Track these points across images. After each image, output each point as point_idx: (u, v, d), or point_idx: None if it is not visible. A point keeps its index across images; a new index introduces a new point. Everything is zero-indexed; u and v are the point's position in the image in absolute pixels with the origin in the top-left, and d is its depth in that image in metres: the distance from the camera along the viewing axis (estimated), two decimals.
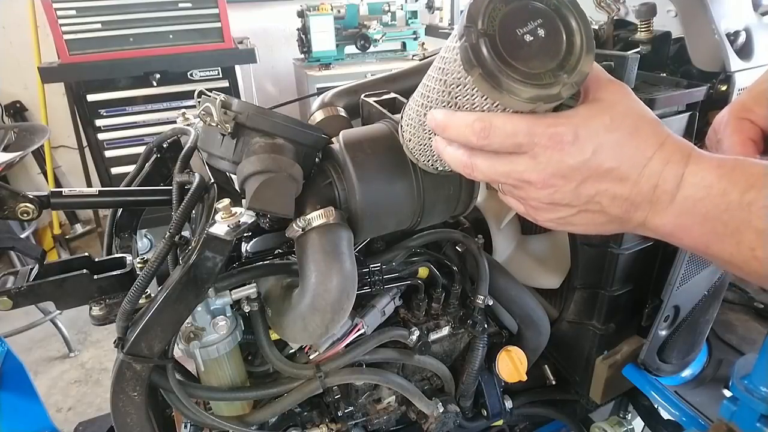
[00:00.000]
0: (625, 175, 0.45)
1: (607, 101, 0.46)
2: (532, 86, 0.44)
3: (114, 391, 0.66)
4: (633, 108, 0.46)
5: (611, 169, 0.45)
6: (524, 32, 0.45)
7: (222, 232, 0.60)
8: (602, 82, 0.47)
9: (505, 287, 0.93)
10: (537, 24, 0.45)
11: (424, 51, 3.04)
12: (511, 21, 0.45)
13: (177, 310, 0.63)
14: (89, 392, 2.19)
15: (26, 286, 0.68)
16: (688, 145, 0.45)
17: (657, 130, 0.45)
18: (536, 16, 0.45)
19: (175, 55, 2.50)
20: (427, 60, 1.08)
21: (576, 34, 0.45)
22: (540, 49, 0.44)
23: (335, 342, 0.81)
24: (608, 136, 0.44)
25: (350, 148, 0.68)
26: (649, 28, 0.84)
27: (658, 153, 0.44)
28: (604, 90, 0.47)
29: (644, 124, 0.45)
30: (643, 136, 0.45)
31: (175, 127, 0.91)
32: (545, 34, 0.45)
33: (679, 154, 0.44)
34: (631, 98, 0.47)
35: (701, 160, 0.43)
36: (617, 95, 0.46)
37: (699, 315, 0.97)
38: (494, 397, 1.00)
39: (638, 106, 0.47)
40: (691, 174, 0.43)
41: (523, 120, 0.45)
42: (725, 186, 0.41)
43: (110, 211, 0.94)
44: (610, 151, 0.44)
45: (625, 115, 0.45)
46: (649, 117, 0.46)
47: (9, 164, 1.98)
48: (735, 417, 0.81)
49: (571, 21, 0.45)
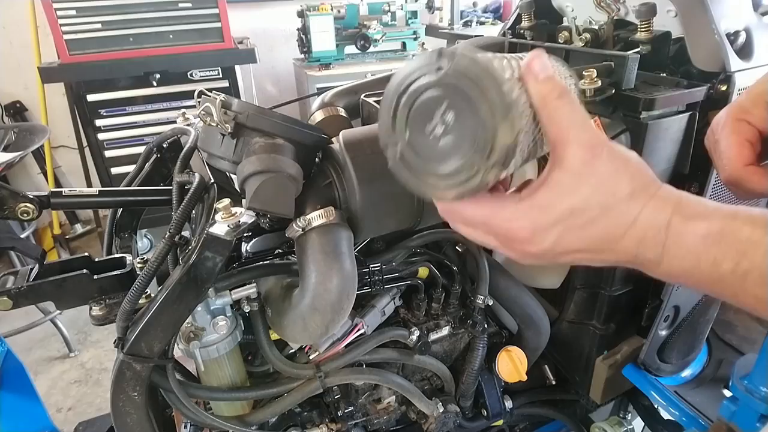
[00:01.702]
0: (599, 250, 0.43)
1: (573, 174, 0.41)
2: (452, 187, 0.41)
3: (114, 391, 0.66)
4: (603, 181, 0.41)
5: (580, 249, 0.43)
6: (433, 126, 0.41)
7: (222, 232, 0.60)
8: (568, 144, 0.41)
9: (505, 287, 0.93)
10: (443, 109, 0.40)
11: (424, 51, 3.04)
12: (420, 119, 0.41)
13: (177, 310, 0.63)
14: (89, 392, 2.19)
15: (26, 286, 0.67)
16: (666, 212, 0.41)
17: (630, 205, 0.42)
18: (440, 100, 0.40)
19: (175, 55, 2.50)
20: None
21: (482, 104, 0.38)
22: (453, 138, 0.40)
23: (335, 342, 0.81)
24: (573, 221, 0.42)
25: (350, 148, 0.68)
26: (649, 28, 0.83)
27: (630, 231, 0.42)
28: (571, 157, 0.41)
29: (616, 201, 0.41)
30: (614, 215, 0.42)
31: (175, 127, 0.91)
32: (454, 118, 0.39)
33: (655, 229, 0.41)
34: (601, 162, 0.41)
35: (685, 229, 0.40)
36: (586, 163, 0.41)
37: (699, 315, 0.97)
38: (494, 397, 1.00)
39: (610, 171, 0.42)
40: (675, 245, 0.41)
41: (479, 210, 0.44)
42: (715, 256, 0.39)
43: (110, 211, 0.94)
44: (573, 236, 0.42)
45: (595, 191, 0.41)
46: (623, 191, 0.41)
47: (9, 164, 1.98)
48: (735, 417, 0.81)
49: (472, 91, 0.38)
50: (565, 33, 1.02)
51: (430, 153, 0.42)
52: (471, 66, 0.38)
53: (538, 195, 0.43)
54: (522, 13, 1.08)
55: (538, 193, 0.43)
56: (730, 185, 0.58)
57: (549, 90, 0.41)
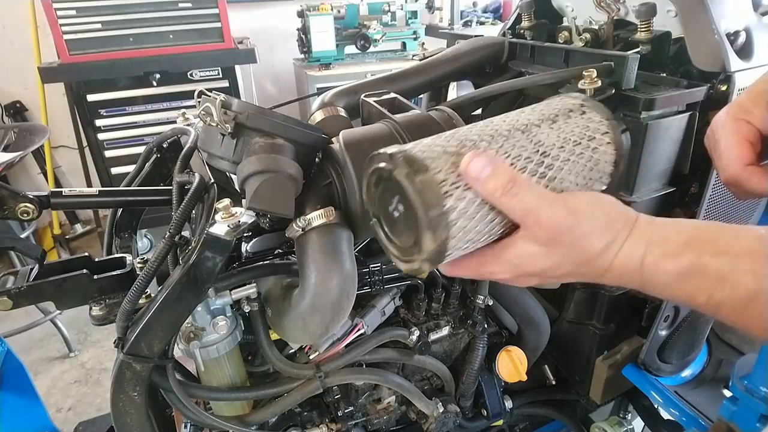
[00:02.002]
0: (584, 282, 0.50)
1: (540, 247, 0.46)
2: (403, 262, 0.47)
3: (114, 391, 0.66)
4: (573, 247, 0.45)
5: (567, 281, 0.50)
6: (393, 208, 0.47)
7: (222, 232, 0.60)
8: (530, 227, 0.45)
9: (505, 287, 0.93)
10: (396, 199, 0.46)
11: (424, 51, 3.03)
12: (384, 200, 0.48)
13: (177, 310, 0.63)
14: (89, 392, 2.19)
15: (26, 286, 0.67)
16: (638, 254, 0.44)
17: (602, 257, 0.45)
18: (395, 191, 0.45)
19: (175, 55, 2.50)
20: (428, 60, 1.08)
21: (416, 209, 0.42)
22: (404, 223, 0.46)
23: (335, 342, 0.81)
24: (549, 274, 0.48)
25: (350, 148, 0.68)
26: (649, 28, 0.83)
27: (607, 275, 0.46)
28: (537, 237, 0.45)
29: (588, 259, 0.46)
30: (588, 267, 0.46)
31: (175, 127, 0.91)
32: (403, 209, 0.45)
33: (630, 269, 0.45)
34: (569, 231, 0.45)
35: (657, 269, 0.43)
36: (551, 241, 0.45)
37: (699, 315, 0.97)
38: (494, 397, 1.00)
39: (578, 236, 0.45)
40: (651, 282, 0.45)
41: (466, 269, 0.50)
42: (689, 291, 0.43)
43: (110, 211, 0.94)
44: (555, 278, 0.48)
45: (565, 257, 0.46)
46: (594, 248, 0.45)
47: (9, 164, 1.98)
48: (735, 417, 0.81)
49: (410, 194, 0.42)
50: (565, 33, 1.02)
51: (393, 227, 0.49)
52: (407, 179, 0.43)
53: (510, 255, 0.47)
54: (522, 13, 1.08)
55: (509, 253, 0.47)
56: (730, 185, 0.58)
57: (493, 188, 0.43)
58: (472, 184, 0.44)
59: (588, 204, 0.46)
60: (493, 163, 0.43)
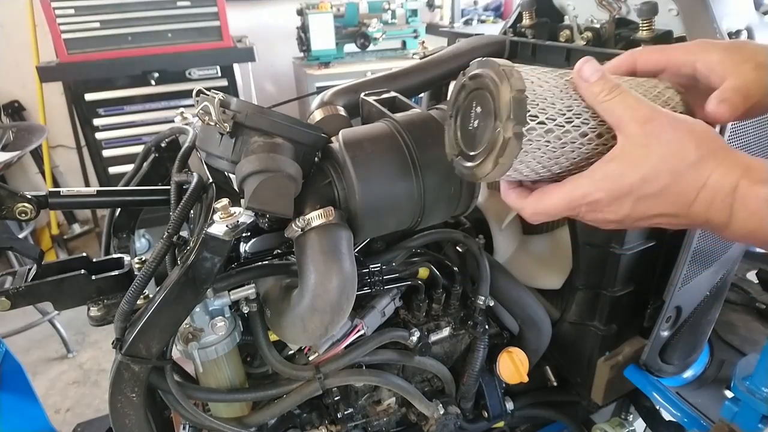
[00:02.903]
0: (673, 215, 0.47)
1: (639, 146, 0.45)
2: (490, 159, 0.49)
3: (112, 392, 0.65)
4: (670, 149, 0.45)
5: (656, 214, 0.48)
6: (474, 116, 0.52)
7: (220, 232, 0.60)
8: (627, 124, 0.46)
9: (506, 288, 0.92)
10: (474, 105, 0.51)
11: (424, 49, 3.03)
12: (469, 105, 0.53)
13: (175, 310, 0.63)
14: (87, 393, 2.19)
15: (24, 287, 0.67)
16: (734, 177, 0.43)
17: (698, 169, 0.44)
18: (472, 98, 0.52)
19: (173, 54, 2.50)
20: (428, 59, 1.08)
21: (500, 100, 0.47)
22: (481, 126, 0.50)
23: (335, 343, 0.81)
24: (645, 189, 0.46)
25: (350, 148, 0.67)
26: (650, 27, 0.83)
27: (701, 195, 0.45)
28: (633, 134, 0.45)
29: (685, 167, 0.45)
30: (684, 180, 0.45)
31: (174, 127, 0.91)
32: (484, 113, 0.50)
33: (723, 192, 0.44)
34: (664, 131, 0.45)
35: (750, 193, 0.43)
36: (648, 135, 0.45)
37: (701, 316, 0.97)
38: (495, 399, 1.00)
39: (674, 138, 0.45)
40: (741, 208, 0.44)
41: (562, 198, 0.49)
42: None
43: (108, 211, 0.94)
44: (649, 203, 0.47)
45: (662, 160, 0.45)
46: (690, 156, 0.44)
47: (7, 164, 1.97)
48: (736, 418, 0.81)
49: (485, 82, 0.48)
50: (567, 32, 1.02)
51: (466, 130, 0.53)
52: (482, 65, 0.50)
53: (610, 167, 0.46)
54: (523, 11, 1.07)
55: (609, 165, 0.47)
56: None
57: (599, 89, 0.46)
58: (580, 85, 0.47)
59: (687, 118, 0.47)
60: (602, 70, 0.47)
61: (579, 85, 0.47)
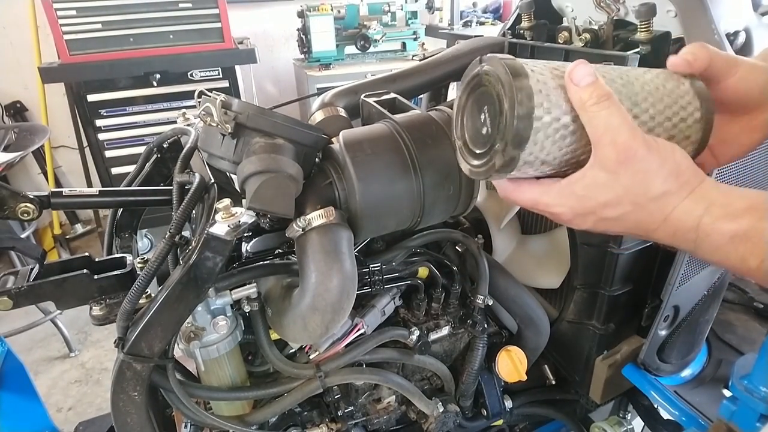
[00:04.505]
0: (636, 235, 0.48)
1: (607, 173, 0.45)
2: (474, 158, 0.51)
3: (114, 391, 0.66)
4: (636, 181, 0.45)
5: (618, 232, 0.49)
6: (482, 114, 0.51)
7: (222, 232, 0.60)
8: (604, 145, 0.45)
9: (504, 287, 0.93)
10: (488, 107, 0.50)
11: (424, 51, 3.04)
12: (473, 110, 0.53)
13: (177, 310, 0.63)
14: (89, 392, 2.19)
15: (26, 286, 0.67)
16: (697, 214, 0.44)
17: (660, 205, 0.45)
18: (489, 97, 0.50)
19: (175, 56, 2.50)
20: (428, 60, 1.09)
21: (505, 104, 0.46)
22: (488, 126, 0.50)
23: (335, 342, 0.81)
24: (606, 213, 0.47)
25: (350, 148, 0.68)
26: (648, 28, 0.83)
27: (663, 226, 0.46)
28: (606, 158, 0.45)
29: (647, 201, 0.46)
30: (645, 212, 0.46)
31: (176, 127, 0.92)
32: (490, 112, 0.49)
33: (685, 228, 0.44)
34: (635, 162, 0.45)
35: (713, 230, 0.43)
36: (620, 164, 0.45)
37: (699, 315, 0.97)
38: (494, 397, 1.00)
39: (643, 170, 0.45)
40: (705, 243, 0.44)
41: (528, 193, 0.51)
42: (742, 254, 0.42)
43: (110, 211, 0.94)
44: (609, 224, 0.48)
45: (627, 191, 0.45)
46: (655, 190, 0.45)
47: (9, 164, 1.98)
48: (734, 417, 0.81)
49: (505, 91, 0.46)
50: (565, 33, 1.02)
51: (473, 129, 0.53)
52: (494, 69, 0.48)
53: (577, 185, 0.48)
54: (522, 13, 1.08)
55: (577, 184, 0.48)
56: None
57: (588, 96, 0.45)
58: (570, 87, 0.46)
59: (664, 148, 0.46)
60: (595, 75, 0.46)
61: (569, 87, 0.47)
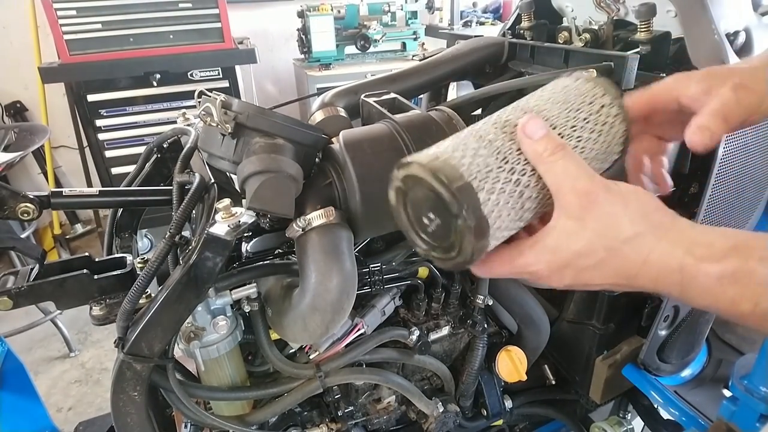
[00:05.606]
0: (619, 284, 0.46)
1: (574, 220, 0.44)
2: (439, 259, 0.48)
3: (114, 391, 0.66)
4: (603, 225, 0.44)
5: (601, 283, 0.47)
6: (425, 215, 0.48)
7: (222, 232, 0.60)
8: (565, 193, 0.44)
9: (504, 287, 0.93)
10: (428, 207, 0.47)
11: (424, 51, 3.03)
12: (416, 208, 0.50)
13: (177, 310, 0.63)
14: (89, 392, 2.19)
15: (26, 286, 0.67)
16: (677, 255, 0.42)
17: (634, 247, 0.43)
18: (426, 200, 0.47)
19: (175, 56, 2.50)
20: (428, 60, 1.09)
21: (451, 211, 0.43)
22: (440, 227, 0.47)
23: (335, 342, 0.81)
24: (582, 262, 0.45)
25: (350, 148, 0.68)
26: (648, 28, 0.84)
27: (643, 270, 0.44)
28: (569, 205, 0.44)
29: (619, 244, 0.44)
30: (621, 256, 0.44)
31: (176, 127, 0.92)
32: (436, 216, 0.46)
33: (668, 270, 0.42)
34: (599, 206, 0.44)
35: (698, 272, 0.41)
36: (583, 209, 0.44)
37: (698, 315, 0.97)
38: (494, 397, 1.00)
39: (608, 214, 0.44)
40: (691, 286, 0.42)
41: (501, 265, 0.49)
42: (732, 297, 0.40)
43: (110, 211, 0.94)
44: (589, 274, 0.46)
45: (597, 235, 0.44)
46: (624, 233, 0.43)
47: (9, 164, 1.98)
48: (734, 417, 0.81)
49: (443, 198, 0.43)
50: (565, 33, 1.02)
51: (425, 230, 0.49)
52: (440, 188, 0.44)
53: (547, 239, 0.46)
54: (522, 13, 1.08)
55: (547, 238, 0.46)
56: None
57: (543, 148, 0.45)
58: (523, 142, 0.45)
59: (626, 190, 0.45)
60: (547, 128, 0.46)
61: (522, 141, 0.46)
